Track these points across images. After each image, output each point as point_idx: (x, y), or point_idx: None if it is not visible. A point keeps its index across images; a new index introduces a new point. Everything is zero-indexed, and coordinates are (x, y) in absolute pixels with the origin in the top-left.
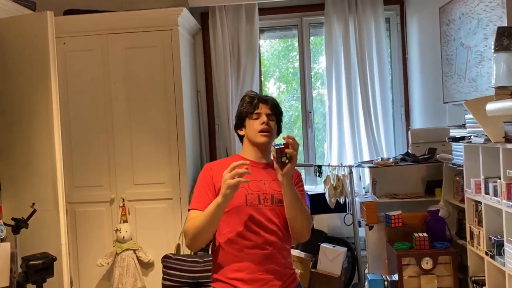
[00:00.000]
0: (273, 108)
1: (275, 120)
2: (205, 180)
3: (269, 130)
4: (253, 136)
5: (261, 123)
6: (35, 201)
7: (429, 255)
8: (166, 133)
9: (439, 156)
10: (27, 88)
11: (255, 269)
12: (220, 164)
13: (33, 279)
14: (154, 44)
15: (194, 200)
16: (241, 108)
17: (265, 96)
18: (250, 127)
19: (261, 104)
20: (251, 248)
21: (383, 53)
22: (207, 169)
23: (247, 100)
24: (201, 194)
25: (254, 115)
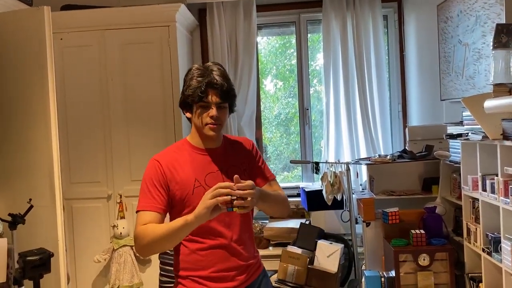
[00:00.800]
0: (224, 95)
1: (227, 106)
2: (156, 176)
3: (219, 123)
4: (199, 127)
5: (210, 115)
6: (31, 197)
7: (426, 251)
8: (163, 129)
9: (437, 153)
10: (24, 84)
11: (219, 267)
12: (168, 155)
13: (30, 275)
14: (151, 40)
15: (144, 200)
16: (187, 93)
17: (215, 77)
18: (197, 117)
19: (210, 90)
20: (215, 247)
21: (380, 50)
22: (155, 163)
23: (194, 85)
24: (152, 194)
25: (202, 103)
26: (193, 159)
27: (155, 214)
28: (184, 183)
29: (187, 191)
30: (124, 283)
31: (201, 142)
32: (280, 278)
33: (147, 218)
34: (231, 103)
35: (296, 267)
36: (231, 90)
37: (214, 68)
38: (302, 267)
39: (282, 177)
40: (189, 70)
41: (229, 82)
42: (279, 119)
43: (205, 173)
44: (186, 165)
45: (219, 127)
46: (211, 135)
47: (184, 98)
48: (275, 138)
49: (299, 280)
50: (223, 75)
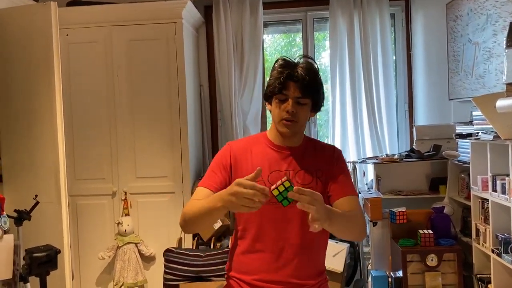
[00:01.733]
0: (305, 89)
1: (308, 102)
2: (222, 158)
3: (295, 119)
4: (275, 121)
5: (286, 109)
6: (37, 193)
7: (434, 252)
8: (168, 127)
9: (445, 153)
10: (30, 80)
11: (263, 277)
12: (243, 143)
13: (36, 271)
14: (157, 37)
15: (205, 177)
16: (269, 82)
17: (298, 69)
18: (274, 110)
19: (291, 82)
20: (262, 253)
21: (387, 49)
22: (226, 147)
23: (275, 75)
24: (213, 173)
25: (280, 95)
26: (265, 153)
27: (208, 191)
28: (247, 173)
29: None
30: (128, 281)
31: (278, 138)
32: None
33: (199, 194)
34: (314, 100)
35: None
36: (315, 85)
37: (301, 60)
38: None
39: None
40: (276, 61)
41: (314, 77)
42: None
43: (271, 170)
44: (255, 158)
45: (295, 125)
46: (284, 132)
47: (266, 89)
48: None
49: None
50: (308, 69)
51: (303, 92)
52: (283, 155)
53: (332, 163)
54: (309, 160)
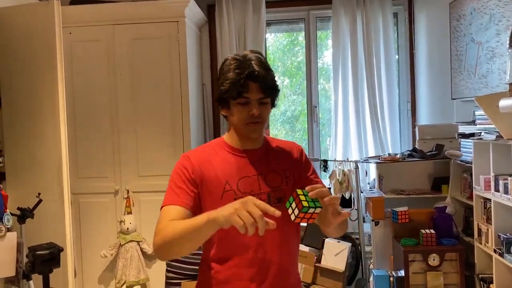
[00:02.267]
0: (267, 88)
1: (269, 100)
2: (185, 172)
3: (261, 120)
4: (239, 127)
5: (251, 114)
6: (40, 191)
7: (436, 251)
8: (171, 125)
9: (448, 152)
10: (33, 78)
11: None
12: (200, 153)
13: (39, 269)
14: (160, 35)
15: (170, 195)
16: (223, 88)
17: (256, 68)
18: (236, 115)
19: (251, 83)
20: (244, 266)
21: (390, 48)
22: (185, 160)
23: (231, 78)
24: (180, 189)
25: (241, 99)
26: (228, 160)
27: (180, 208)
28: (214, 185)
29: (215, 195)
30: (130, 279)
31: (239, 142)
32: None
33: (170, 213)
34: (274, 96)
35: (303, 265)
36: (274, 82)
37: (252, 57)
38: (309, 265)
39: None
40: (225, 61)
41: (272, 73)
42: (285, 117)
43: (239, 176)
44: (218, 166)
45: (261, 126)
46: (252, 135)
47: (221, 94)
48: (280, 135)
49: (306, 278)
50: (264, 66)
51: (265, 91)
52: (248, 159)
53: (299, 162)
54: (275, 161)
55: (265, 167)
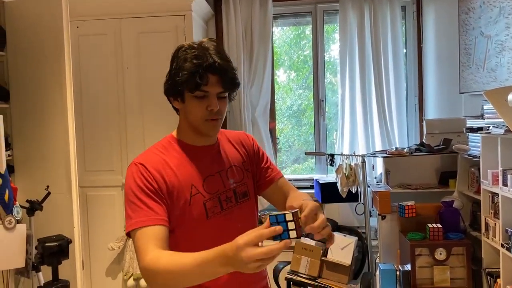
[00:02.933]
0: (227, 82)
1: (227, 96)
2: (144, 183)
3: (220, 117)
4: (196, 124)
5: (209, 108)
6: (48, 184)
7: (443, 246)
8: (177, 120)
9: (455, 147)
10: (41, 72)
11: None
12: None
13: (48, 260)
14: (167, 29)
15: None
16: (179, 79)
17: (215, 58)
18: (192, 109)
19: (211, 75)
20: None
21: (398, 42)
22: (140, 169)
23: (189, 67)
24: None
25: (198, 92)
26: (186, 160)
27: (158, 228)
28: (179, 191)
29: (183, 201)
30: (137, 271)
31: (194, 139)
32: (293, 269)
33: (150, 237)
34: (233, 90)
35: (309, 259)
36: (235, 76)
37: (211, 46)
38: (315, 259)
39: (293, 169)
40: (179, 49)
41: (231, 65)
42: (291, 111)
43: (202, 177)
44: (177, 169)
45: (220, 122)
46: (210, 132)
47: (174, 84)
48: (286, 130)
49: (312, 272)
50: (224, 57)
51: (225, 86)
52: (207, 157)
53: (253, 153)
54: (232, 154)
55: (225, 163)
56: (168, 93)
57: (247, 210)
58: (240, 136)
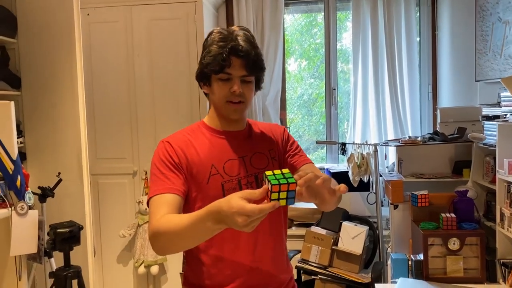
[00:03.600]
0: (251, 66)
1: (253, 79)
2: (168, 157)
3: (242, 100)
4: (219, 105)
5: (232, 91)
6: (60, 171)
7: (457, 235)
8: (188, 107)
9: (471, 135)
10: (52, 60)
11: (239, 282)
12: (180, 137)
13: (60, 246)
14: (178, 16)
15: (157, 184)
16: (207, 60)
17: (241, 42)
18: (217, 91)
19: (235, 59)
20: (233, 254)
21: (412, 29)
22: (166, 145)
23: (214, 50)
24: (167, 176)
25: (223, 74)
26: (210, 143)
27: (171, 196)
28: (199, 169)
29: (201, 179)
30: (148, 258)
31: (220, 124)
32: (303, 258)
33: (162, 203)
34: (258, 77)
35: (320, 247)
36: (259, 60)
37: (239, 32)
38: (326, 248)
39: None
40: (210, 34)
41: (258, 50)
42: (302, 100)
43: (224, 159)
44: (201, 149)
45: (243, 106)
46: (231, 115)
47: (202, 68)
48: (296, 119)
49: (322, 261)
50: (250, 42)
51: (249, 69)
52: (232, 141)
53: (282, 140)
54: (259, 142)
55: (250, 148)
56: (198, 77)
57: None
58: (272, 126)
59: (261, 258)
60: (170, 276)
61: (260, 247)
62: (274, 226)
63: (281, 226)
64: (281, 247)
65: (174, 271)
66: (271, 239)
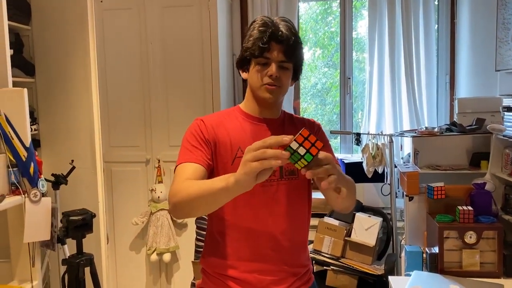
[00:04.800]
0: (289, 52)
1: (291, 67)
2: (199, 132)
3: (278, 84)
4: (255, 88)
5: (269, 74)
6: (73, 158)
7: (473, 229)
8: (201, 95)
9: (490, 126)
10: (66, 47)
11: (255, 267)
12: (214, 117)
13: (73, 234)
14: (191, 3)
15: (185, 154)
16: (247, 44)
17: (282, 28)
18: (254, 75)
19: (274, 44)
20: (249, 238)
21: (430, 17)
22: (199, 122)
23: (255, 35)
24: (196, 148)
25: (261, 59)
26: (242, 127)
27: (196, 166)
28: (226, 149)
29: (226, 159)
30: (161, 246)
31: (256, 110)
32: (315, 248)
33: (186, 170)
34: (296, 65)
35: (332, 238)
36: (299, 48)
37: (281, 21)
38: (339, 239)
39: None
40: (253, 22)
41: (298, 39)
42: (315, 89)
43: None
44: (232, 131)
45: (278, 90)
46: (267, 98)
47: (242, 53)
48: (310, 109)
49: (335, 252)
50: (291, 30)
51: (287, 55)
52: (264, 128)
53: (315, 135)
54: (291, 132)
55: None
56: (238, 64)
57: (291, 188)
58: (306, 121)
59: (279, 246)
60: (182, 264)
61: (279, 235)
62: (294, 218)
63: (303, 217)
64: (300, 239)
65: (186, 259)
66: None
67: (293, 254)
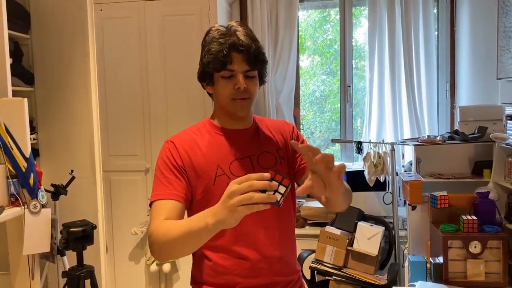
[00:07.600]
0: (252, 60)
1: (256, 74)
2: (171, 159)
3: (248, 96)
4: (225, 103)
5: (236, 87)
6: (73, 168)
7: (478, 238)
8: (201, 104)
9: (493, 135)
10: (65, 55)
11: (247, 283)
12: (185, 137)
13: (73, 246)
14: (191, 12)
15: (159, 188)
16: (206, 60)
17: (241, 37)
18: (221, 90)
19: (236, 54)
20: (240, 257)
21: (430, 25)
22: (169, 145)
23: (214, 48)
24: (169, 180)
25: (225, 72)
26: (215, 142)
27: (173, 202)
28: (204, 170)
29: (207, 181)
30: None
31: (228, 122)
32: (317, 258)
33: (163, 209)
34: (261, 71)
35: (334, 248)
36: (261, 54)
37: (238, 28)
38: (341, 249)
39: None
40: (208, 32)
41: (258, 44)
42: (313, 97)
43: (230, 159)
44: (206, 149)
45: (249, 102)
46: (238, 112)
47: (203, 68)
48: (308, 116)
49: (337, 262)
50: (249, 36)
51: (251, 63)
52: (238, 140)
53: (292, 138)
54: (267, 140)
55: (257, 147)
56: (200, 78)
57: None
58: (279, 124)
59: (269, 258)
60: (182, 274)
61: (268, 247)
62: (283, 225)
63: (290, 225)
64: (290, 246)
65: (186, 269)
66: (279, 238)
67: (286, 264)
